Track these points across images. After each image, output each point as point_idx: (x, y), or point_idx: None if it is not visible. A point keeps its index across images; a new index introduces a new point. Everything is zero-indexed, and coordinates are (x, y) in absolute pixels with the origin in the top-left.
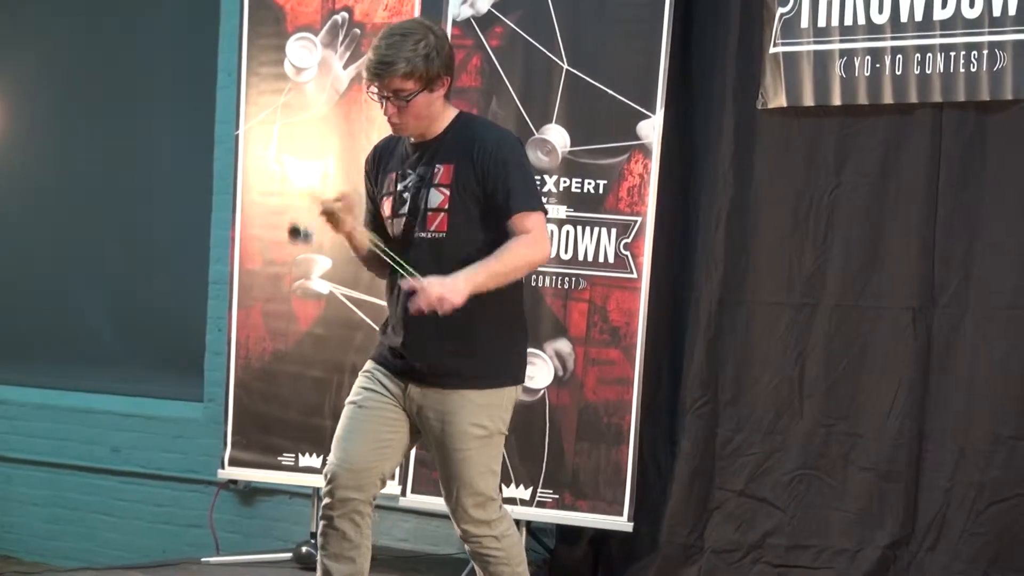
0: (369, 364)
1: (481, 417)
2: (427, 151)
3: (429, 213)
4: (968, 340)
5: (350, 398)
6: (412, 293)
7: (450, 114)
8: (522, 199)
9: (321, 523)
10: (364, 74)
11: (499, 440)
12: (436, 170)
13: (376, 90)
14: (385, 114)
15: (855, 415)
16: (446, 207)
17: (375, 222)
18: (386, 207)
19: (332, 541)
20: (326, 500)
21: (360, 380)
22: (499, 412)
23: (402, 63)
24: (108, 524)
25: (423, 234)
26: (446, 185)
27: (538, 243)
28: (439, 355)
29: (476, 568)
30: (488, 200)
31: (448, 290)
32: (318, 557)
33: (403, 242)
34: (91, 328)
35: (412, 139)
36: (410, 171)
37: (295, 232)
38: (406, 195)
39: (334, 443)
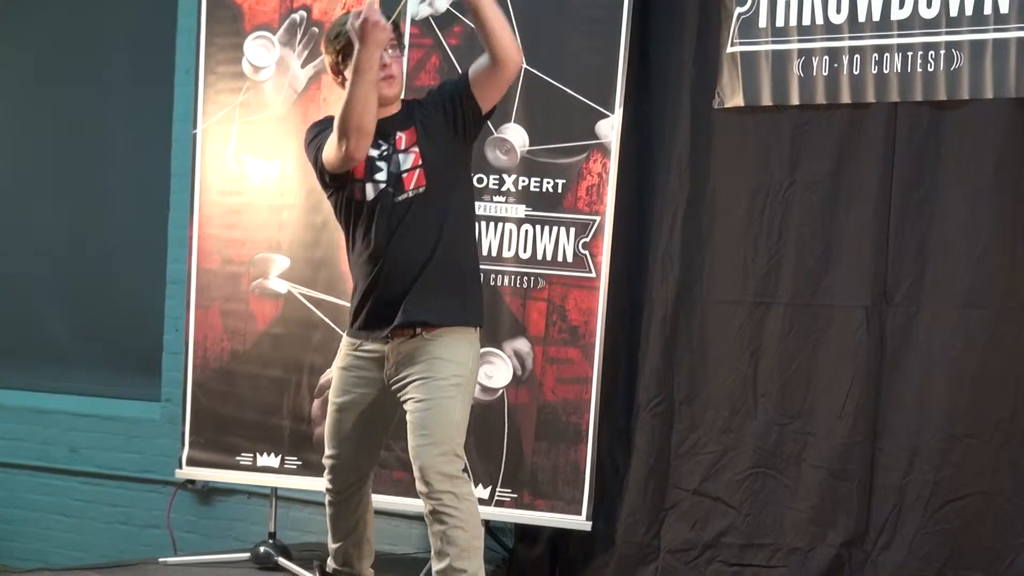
0: (345, 350)
1: (456, 369)
2: (389, 124)
3: (404, 175)
4: (921, 339)
5: (333, 397)
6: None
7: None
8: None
9: (328, 510)
10: (384, 32)
11: (469, 393)
12: (398, 137)
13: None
14: (391, 68)
15: (808, 414)
16: (419, 163)
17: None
18: (359, 169)
19: (339, 526)
20: (328, 486)
21: (339, 378)
22: (469, 363)
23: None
24: (65, 524)
25: (403, 196)
26: (412, 145)
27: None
28: (420, 303)
29: (432, 537)
30: (455, 123)
31: None
32: (328, 538)
33: (378, 208)
34: (48, 328)
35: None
36: (380, 140)
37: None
38: (380, 163)
39: (327, 437)
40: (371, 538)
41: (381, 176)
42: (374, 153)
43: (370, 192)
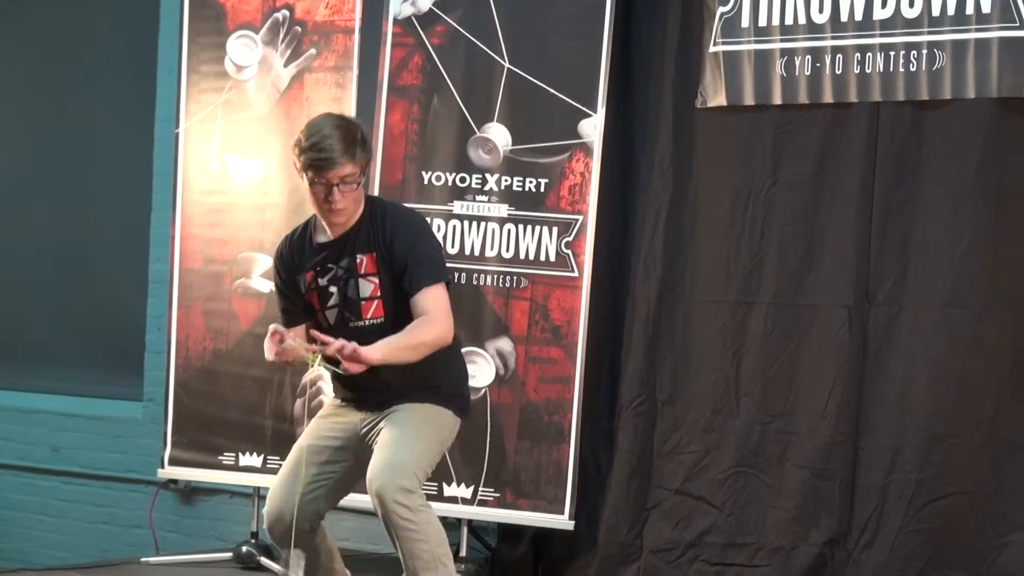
0: (330, 405)
1: (430, 415)
2: (347, 241)
3: (363, 303)
4: (903, 338)
5: (302, 440)
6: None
7: (363, 202)
8: (428, 274)
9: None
10: (309, 172)
11: (438, 442)
12: (359, 260)
13: (322, 182)
14: (329, 202)
15: (791, 413)
16: (379, 294)
17: (295, 309)
18: (315, 301)
19: (294, 557)
20: (270, 533)
21: (315, 425)
22: (443, 421)
23: (349, 151)
24: (47, 524)
25: (361, 323)
26: (373, 273)
27: (438, 323)
28: (403, 398)
29: (397, 547)
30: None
31: (363, 351)
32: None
33: (340, 331)
34: (31, 327)
35: (323, 236)
36: (331, 265)
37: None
38: (332, 288)
39: (273, 486)
40: (340, 568)
41: (334, 302)
42: (323, 282)
43: (331, 317)
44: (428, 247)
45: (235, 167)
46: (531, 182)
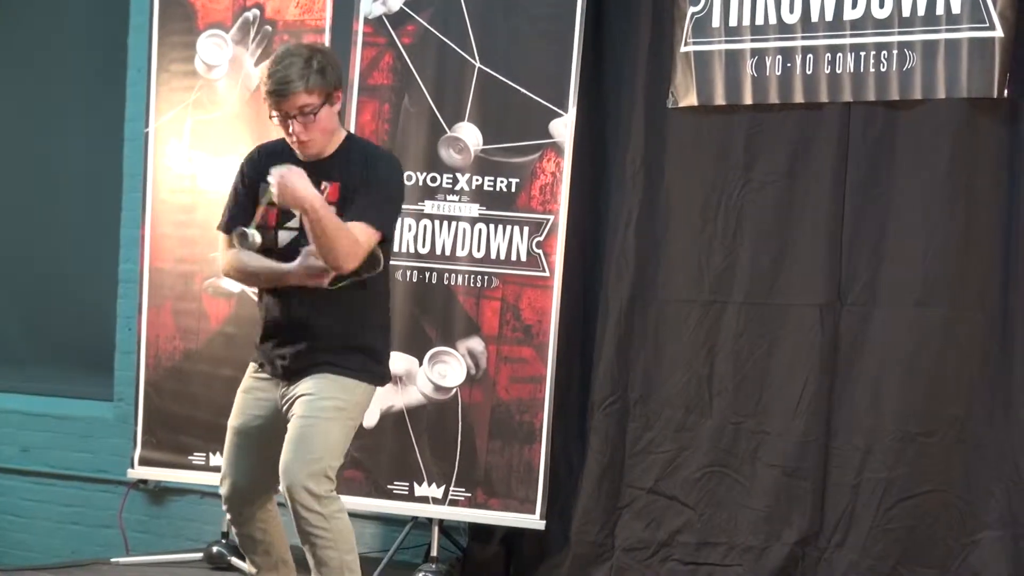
0: (248, 373)
1: (342, 394)
2: (319, 170)
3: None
4: (875, 337)
5: (232, 421)
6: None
7: (341, 134)
8: (370, 214)
9: (233, 529)
10: (267, 99)
11: (351, 425)
12: (323, 188)
13: (280, 113)
14: (292, 135)
15: (763, 412)
16: None
17: (242, 216)
18: (271, 217)
19: (247, 544)
20: (228, 516)
21: (241, 401)
22: (356, 399)
23: (304, 79)
24: (17, 525)
25: (311, 248)
26: (333, 203)
27: (356, 244)
28: (317, 354)
29: (306, 553)
30: None
31: (295, 180)
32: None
33: (290, 254)
34: (0, 327)
35: (302, 157)
36: None
37: (243, 236)
38: (296, 210)
39: (223, 465)
40: (288, 559)
41: (295, 224)
42: None
43: (284, 239)
44: (388, 192)
45: (205, 166)
46: (502, 182)
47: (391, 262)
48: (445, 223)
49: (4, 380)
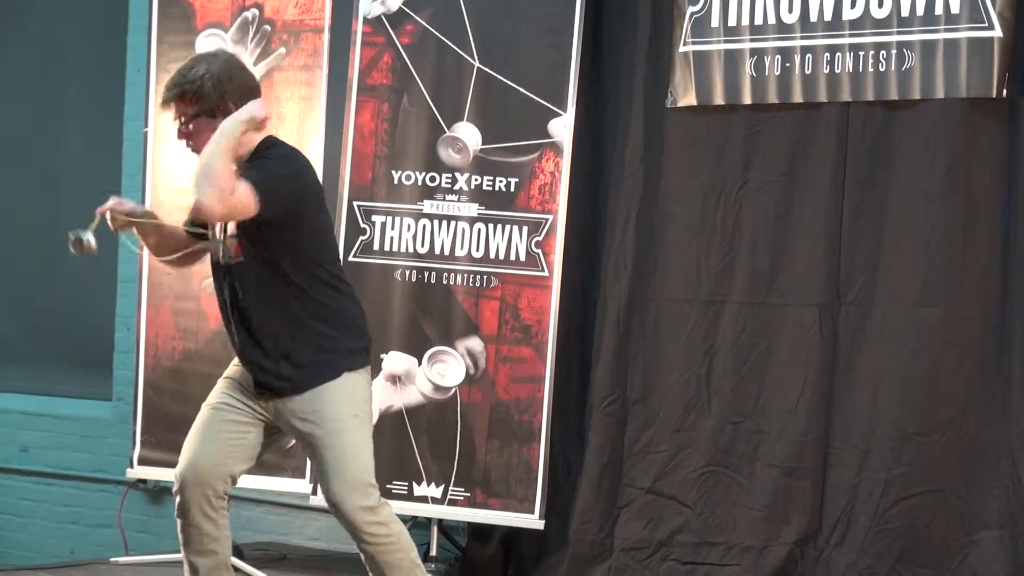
0: (235, 362)
1: (338, 395)
2: None
3: (228, 239)
4: (874, 337)
5: (207, 401)
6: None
7: (254, 143)
8: (258, 178)
9: (179, 521)
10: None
11: (359, 423)
12: None
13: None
14: (178, 138)
15: (762, 412)
16: (236, 232)
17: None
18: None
19: (192, 537)
20: (177, 499)
21: (220, 384)
22: (355, 395)
23: (178, 88)
24: (16, 524)
25: (229, 260)
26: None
27: (225, 183)
28: (274, 372)
29: (370, 568)
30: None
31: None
32: (182, 554)
33: (218, 268)
34: None
35: None
36: None
37: (78, 242)
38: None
39: (185, 443)
40: (231, 566)
41: (217, 233)
42: None
43: (217, 252)
44: (276, 169)
45: None
46: (501, 181)
47: (393, 262)
48: (444, 223)
49: (3, 380)
